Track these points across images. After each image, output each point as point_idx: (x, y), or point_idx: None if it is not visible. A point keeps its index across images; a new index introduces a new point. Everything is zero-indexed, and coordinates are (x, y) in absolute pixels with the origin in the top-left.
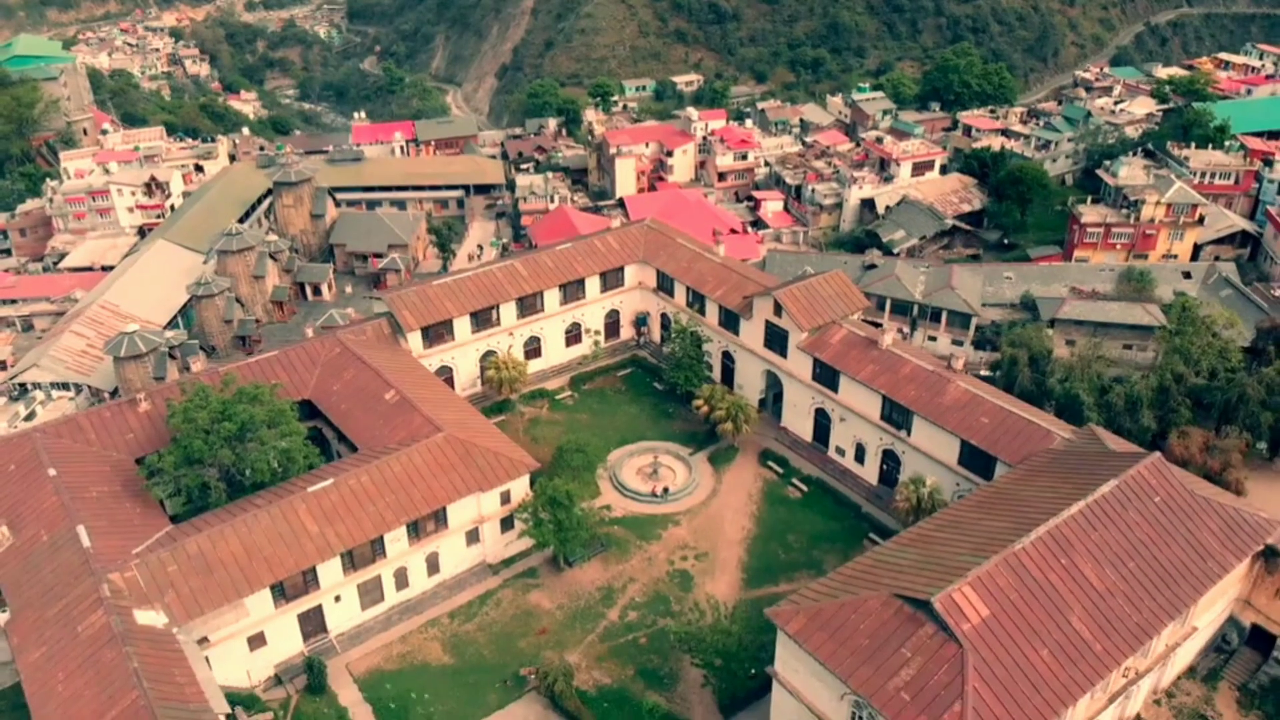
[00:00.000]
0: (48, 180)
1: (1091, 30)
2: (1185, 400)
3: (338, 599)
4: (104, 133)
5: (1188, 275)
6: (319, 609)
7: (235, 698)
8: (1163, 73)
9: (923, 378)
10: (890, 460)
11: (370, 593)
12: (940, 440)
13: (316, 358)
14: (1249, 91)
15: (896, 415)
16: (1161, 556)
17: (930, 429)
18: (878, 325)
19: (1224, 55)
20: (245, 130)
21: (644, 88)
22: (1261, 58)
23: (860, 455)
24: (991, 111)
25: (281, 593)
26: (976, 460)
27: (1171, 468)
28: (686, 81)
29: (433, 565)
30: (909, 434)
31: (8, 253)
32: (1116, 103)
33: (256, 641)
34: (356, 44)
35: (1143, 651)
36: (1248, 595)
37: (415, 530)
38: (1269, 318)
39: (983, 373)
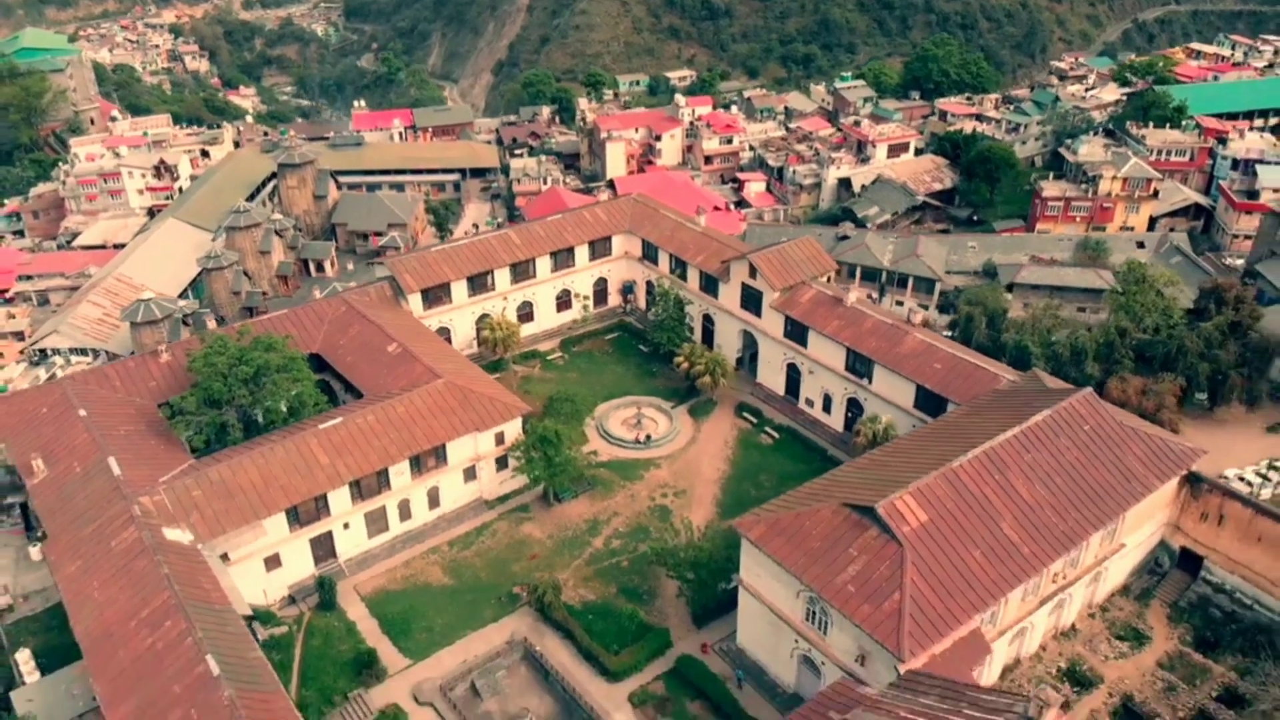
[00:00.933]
0: (60, 165)
1: (1079, 27)
2: (1129, 353)
3: (346, 526)
4: (113, 119)
5: (1141, 245)
6: (329, 535)
7: (253, 613)
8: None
9: (883, 330)
10: (854, 408)
11: (376, 522)
12: (898, 386)
13: (324, 316)
14: (1216, 78)
15: (859, 365)
16: (1088, 476)
17: (889, 376)
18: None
19: (1196, 45)
20: (249, 118)
21: (638, 83)
22: (1233, 48)
23: (827, 405)
24: (968, 99)
25: (296, 518)
26: (930, 402)
27: (1103, 403)
28: (680, 77)
29: (433, 499)
30: (870, 382)
31: (21, 234)
32: (1088, 90)
33: (272, 563)
34: (354, 41)
35: (1071, 561)
36: (1177, 520)
37: (417, 465)
38: (1210, 278)
39: (944, 333)
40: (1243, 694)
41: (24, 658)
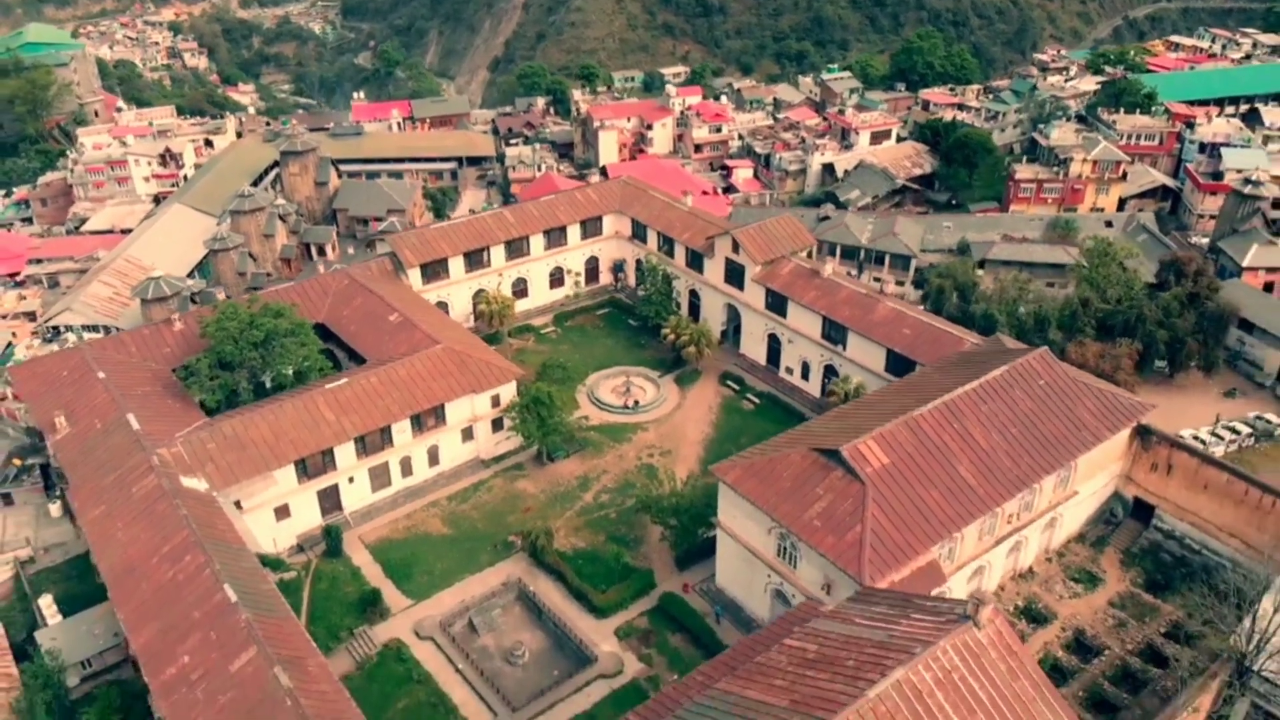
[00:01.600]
0: (67, 154)
1: (1070, 24)
2: (1091, 322)
3: (351, 480)
4: (119, 110)
5: (1109, 224)
6: (335, 488)
7: (263, 560)
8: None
9: (857, 300)
10: (830, 374)
11: (379, 477)
12: (870, 351)
13: (328, 288)
14: (1192, 69)
15: (834, 333)
16: (1041, 426)
17: (862, 342)
18: None
19: (1175, 38)
20: (251, 110)
21: (633, 79)
22: (1212, 41)
23: (805, 372)
24: (951, 89)
25: (304, 470)
26: (900, 366)
27: (1058, 361)
28: (674, 73)
29: (433, 457)
30: (845, 349)
31: (29, 220)
32: (1067, 80)
33: (282, 513)
34: (351, 40)
35: (1025, 504)
36: (1129, 472)
37: (418, 424)
38: (1170, 252)
39: (919, 307)
40: (1189, 630)
41: (46, 602)
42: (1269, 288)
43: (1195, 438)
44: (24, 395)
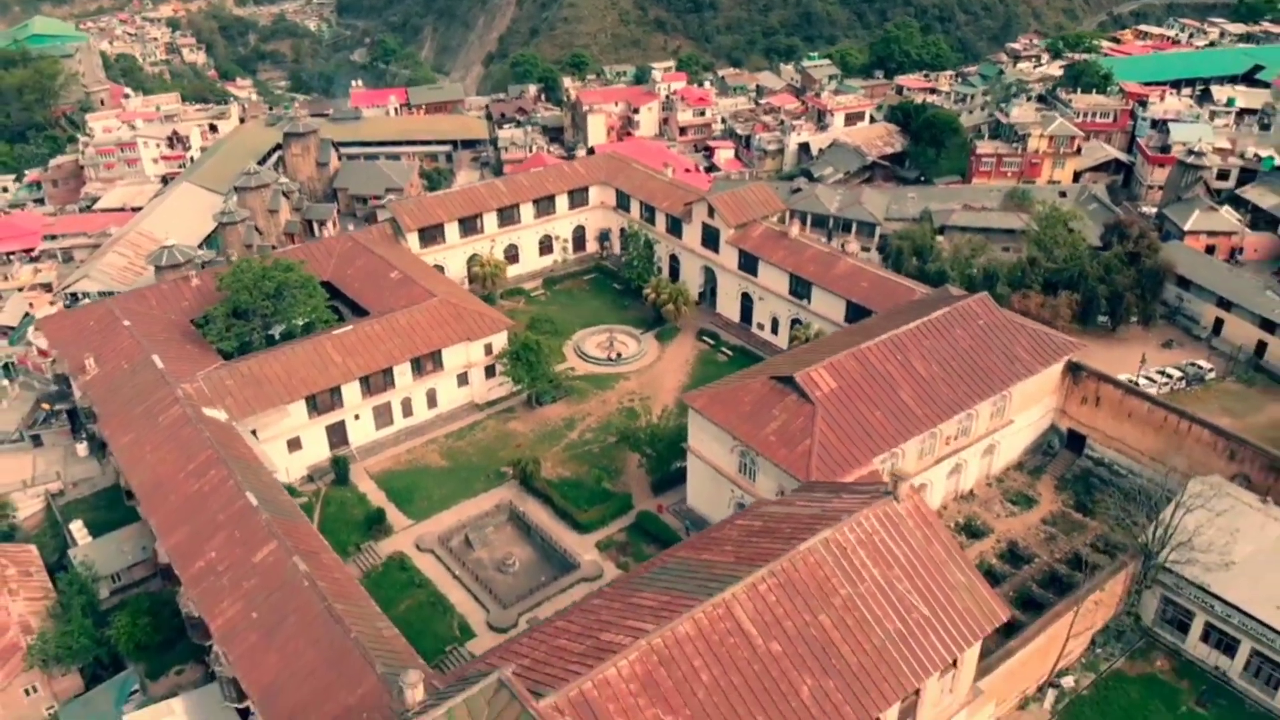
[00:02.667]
0: (77, 138)
1: (1055, 20)
2: (1038, 278)
3: (357, 417)
4: (126, 96)
5: (1063, 194)
6: (342, 424)
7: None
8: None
9: (820, 257)
10: (797, 327)
11: (382, 416)
12: (832, 303)
13: (333, 250)
14: (1154, 54)
15: (800, 289)
16: (979, 360)
17: (824, 295)
18: None
19: (1144, 27)
20: (253, 96)
21: (624, 74)
22: (1181, 30)
23: (775, 327)
24: (925, 76)
25: (314, 406)
26: (857, 316)
27: (998, 306)
28: (665, 68)
29: (431, 399)
30: (809, 303)
31: (41, 201)
32: (1035, 66)
33: (294, 445)
34: (347, 37)
35: (962, 429)
36: (1063, 405)
37: (417, 368)
38: (1114, 216)
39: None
40: (1111, 541)
41: (76, 527)
42: (1210, 250)
43: (1131, 381)
44: (54, 342)
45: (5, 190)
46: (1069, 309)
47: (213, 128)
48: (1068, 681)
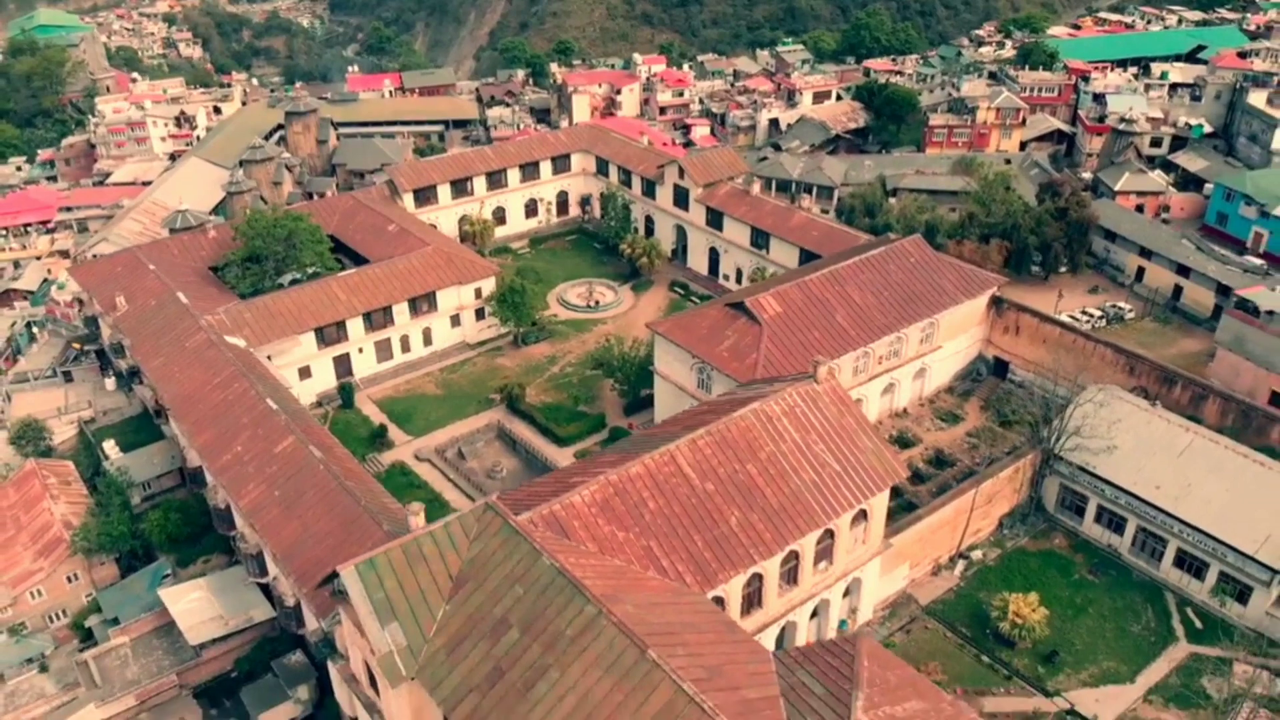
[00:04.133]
0: (90, 118)
1: (1033, 13)
2: (976, 231)
3: (360, 351)
4: (133, 80)
5: (1008, 161)
6: (347, 356)
7: None
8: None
9: (777, 211)
10: (759, 275)
11: (383, 351)
12: (788, 251)
13: (335, 208)
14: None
15: (760, 240)
16: (909, 291)
17: (781, 245)
18: None
19: (1103, 14)
20: (254, 81)
21: (612, 66)
22: (1141, 16)
23: (739, 278)
24: (893, 60)
25: (322, 338)
26: (810, 262)
27: (929, 247)
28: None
29: (427, 338)
30: (768, 252)
31: (54, 179)
32: (997, 50)
33: (304, 373)
34: (339, 34)
35: (893, 350)
36: (989, 335)
37: (414, 308)
38: (1048, 176)
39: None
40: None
41: (110, 445)
42: (1140, 209)
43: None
44: (87, 286)
45: (19, 169)
46: (999, 254)
47: (217, 110)
48: (976, 554)
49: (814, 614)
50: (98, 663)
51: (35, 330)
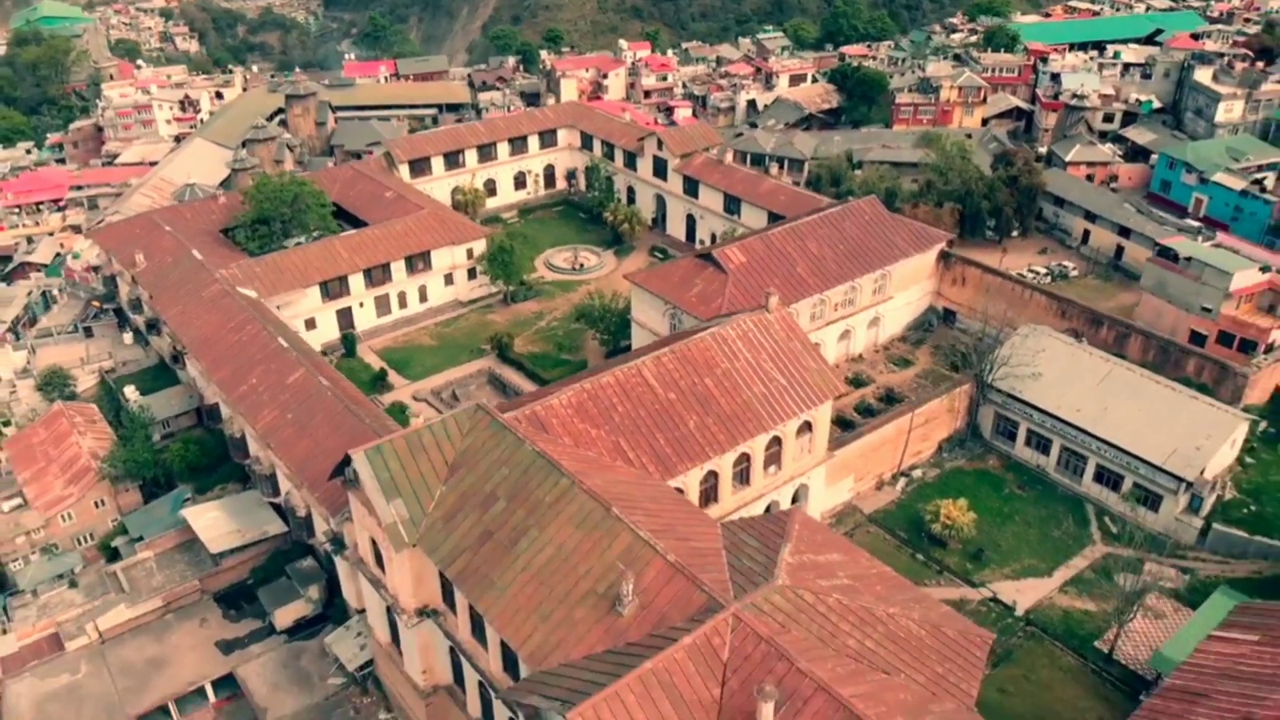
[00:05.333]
0: (98, 102)
1: (1019, 7)
2: (933, 197)
3: (361, 305)
4: (138, 67)
5: (969, 136)
6: (349, 310)
7: None
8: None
9: (748, 178)
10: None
11: (382, 306)
12: (757, 215)
13: (336, 177)
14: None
15: (732, 206)
16: (863, 245)
17: (751, 208)
18: None
19: (1074, 2)
20: (255, 68)
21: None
22: (1111, 4)
23: (714, 241)
24: (868, 46)
25: (326, 292)
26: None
27: (884, 207)
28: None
29: (423, 295)
30: (740, 216)
31: (62, 161)
32: (969, 36)
33: (310, 325)
34: (333, 29)
35: (848, 299)
36: (940, 289)
37: (410, 266)
38: (1002, 147)
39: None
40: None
41: (129, 390)
42: (1091, 178)
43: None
44: (107, 246)
45: (29, 152)
46: (950, 217)
47: (219, 95)
48: (916, 473)
49: (767, 512)
50: (126, 573)
51: (56, 293)
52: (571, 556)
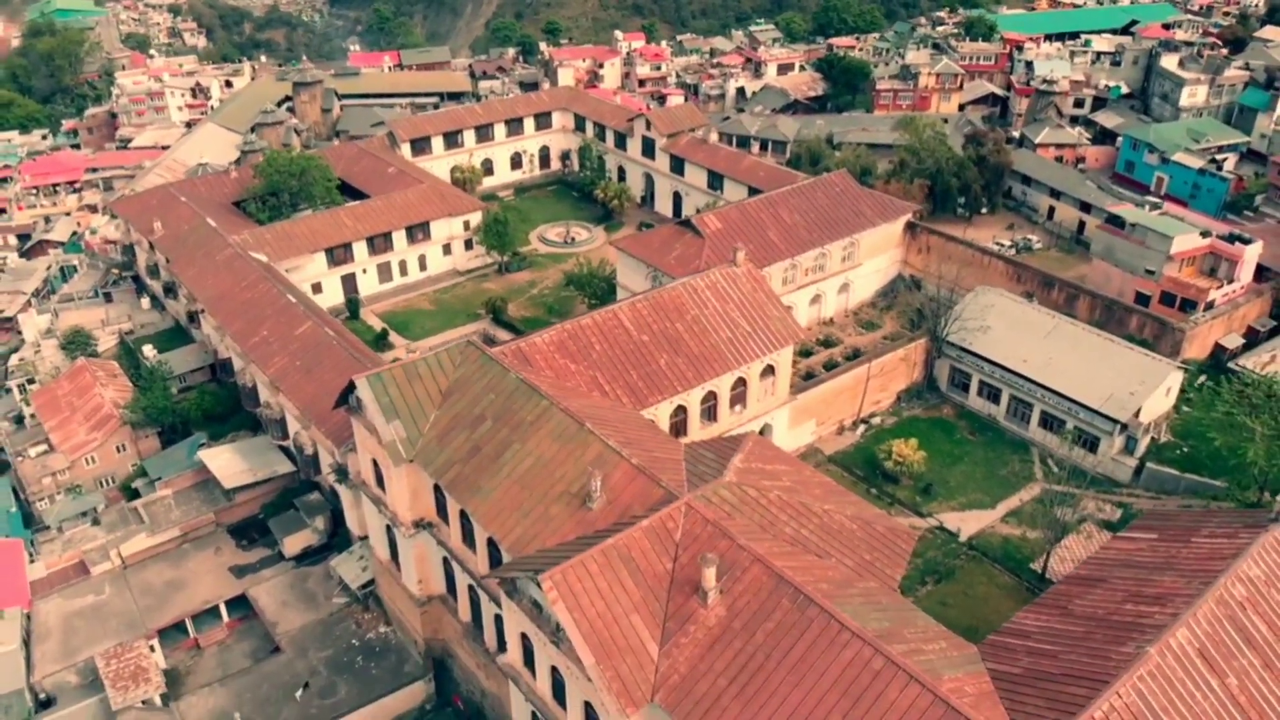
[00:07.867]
0: (113, 89)
1: (1016, 7)
2: (907, 175)
3: (364, 272)
4: (150, 57)
5: (945, 120)
6: (353, 276)
7: None
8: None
9: (731, 156)
10: None
11: (384, 273)
12: (739, 190)
13: (341, 154)
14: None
15: (715, 182)
16: (833, 214)
17: (733, 184)
18: None
19: None
20: (263, 58)
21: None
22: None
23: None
24: (856, 38)
25: (332, 258)
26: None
27: (854, 179)
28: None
29: (422, 264)
30: (722, 192)
31: (77, 146)
32: (952, 29)
33: (316, 289)
34: (339, 27)
35: (818, 265)
36: (906, 258)
37: (411, 236)
38: (973, 128)
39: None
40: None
41: (147, 349)
42: (1060, 160)
43: None
44: (126, 216)
45: (45, 138)
46: (920, 192)
47: (228, 84)
48: (875, 421)
49: None
50: (146, 508)
51: (76, 264)
52: (549, 464)
